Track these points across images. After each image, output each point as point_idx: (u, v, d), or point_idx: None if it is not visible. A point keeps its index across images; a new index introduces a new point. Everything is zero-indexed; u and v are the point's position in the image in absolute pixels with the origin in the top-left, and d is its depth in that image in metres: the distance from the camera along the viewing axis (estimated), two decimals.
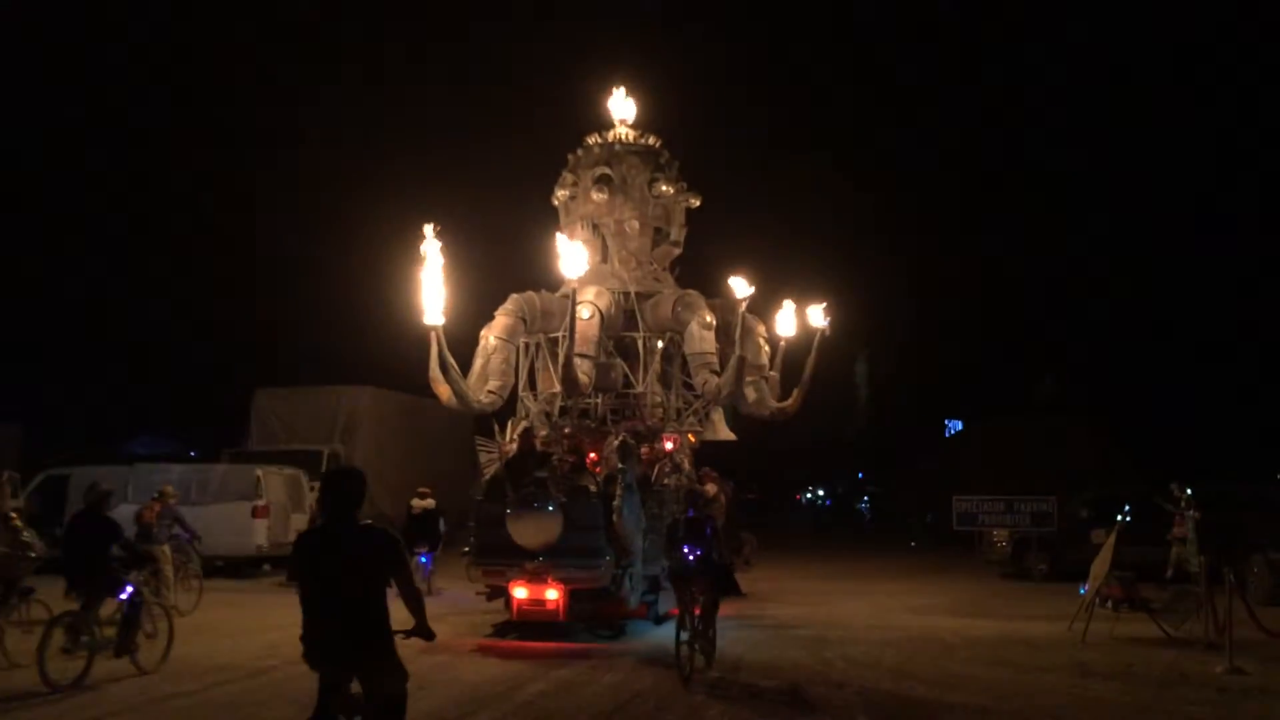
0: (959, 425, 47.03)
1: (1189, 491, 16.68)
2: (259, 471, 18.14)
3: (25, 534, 10.16)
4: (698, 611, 9.40)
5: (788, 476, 54.80)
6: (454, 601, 13.64)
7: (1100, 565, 12.13)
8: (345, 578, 4.86)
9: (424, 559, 14.98)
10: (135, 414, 36.00)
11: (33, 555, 10.10)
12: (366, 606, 4.86)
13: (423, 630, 5.11)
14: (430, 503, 15.88)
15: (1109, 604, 12.92)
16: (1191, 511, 15.72)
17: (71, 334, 36.38)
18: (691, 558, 9.52)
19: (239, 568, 17.43)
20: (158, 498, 13.49)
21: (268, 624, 11.85)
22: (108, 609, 9.26)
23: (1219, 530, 14.83)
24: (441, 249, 10.98)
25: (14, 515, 10.52)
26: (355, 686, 4.99)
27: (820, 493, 67.44)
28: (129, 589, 9.31)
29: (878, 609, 14.50)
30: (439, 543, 15.64)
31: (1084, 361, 46.80)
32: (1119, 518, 16.68)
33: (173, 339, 37.85)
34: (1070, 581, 15.73)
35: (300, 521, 19.12)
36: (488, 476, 12.49)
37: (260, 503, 17.67)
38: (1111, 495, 18.32)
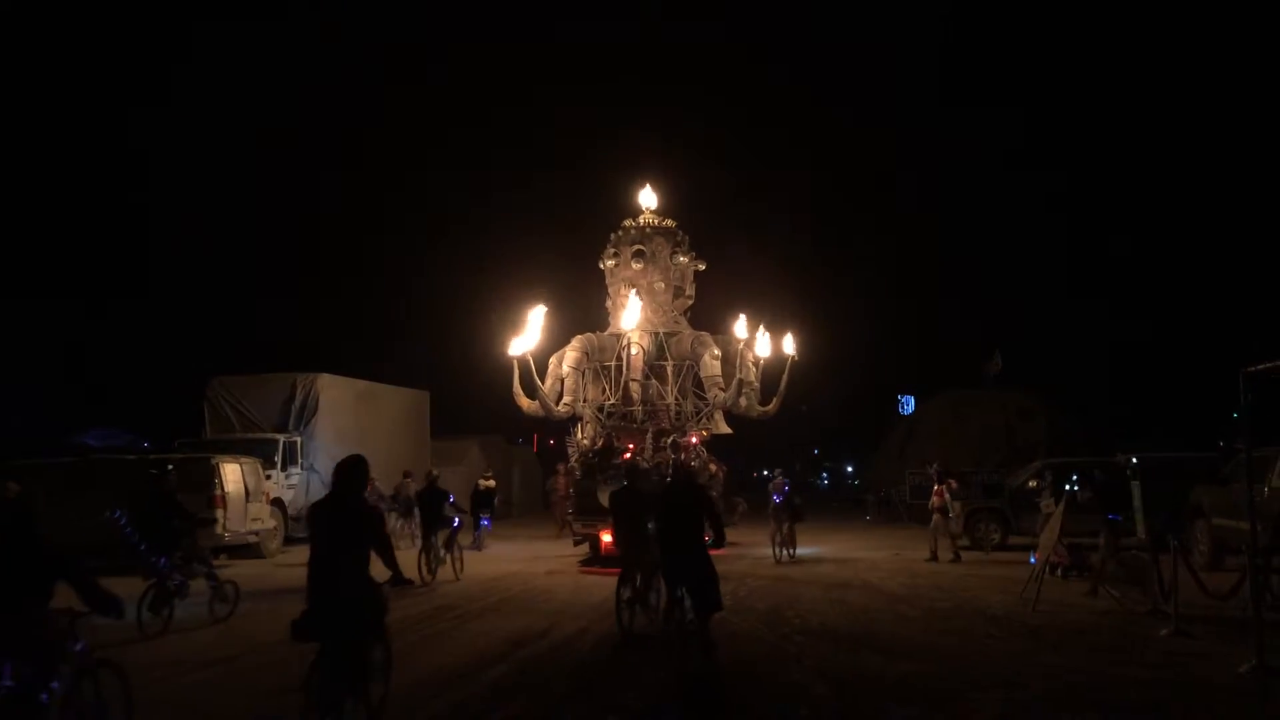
0: (912, 402, 47.61)
1: (1134, 460, 17.02)
2: (215, 461, 17.94)
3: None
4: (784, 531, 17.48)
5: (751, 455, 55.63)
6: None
7: (1049, 535, 12.40)
8: (645, 516, 7.68)
9: (485, 522, 20.72)
10: (86, 405, 35.30)
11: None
12: (690, 531, 7.61)
13: (719, 538, 8.71)
14: (492, 483, 21.79)
15: (1058, 572, 13.23)
16: (1136, 481, 16.06)
17: (19, 325, 35.55)
18: (778, 499, 17.75)
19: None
20: (405, 477, 21.03)
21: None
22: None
23: (1163, 499, 15.19)
24: (543, 313, 17.72)
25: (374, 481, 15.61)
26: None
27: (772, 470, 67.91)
28: (456, 522, 15.77)
29: (840, 548, 20.21)
30: (494, 512, 21.28)
31: (1031, 337, 47.51)
32: (1067, 488, 17.00)
33: (124, 328, 37.20)
34: (1021, 551, 16.09)
35: (256, 510, 18.95)
36: (579, 464, 18.18)
37: (217, 493, 17.49)
38: (1060, 466, 18.67)
